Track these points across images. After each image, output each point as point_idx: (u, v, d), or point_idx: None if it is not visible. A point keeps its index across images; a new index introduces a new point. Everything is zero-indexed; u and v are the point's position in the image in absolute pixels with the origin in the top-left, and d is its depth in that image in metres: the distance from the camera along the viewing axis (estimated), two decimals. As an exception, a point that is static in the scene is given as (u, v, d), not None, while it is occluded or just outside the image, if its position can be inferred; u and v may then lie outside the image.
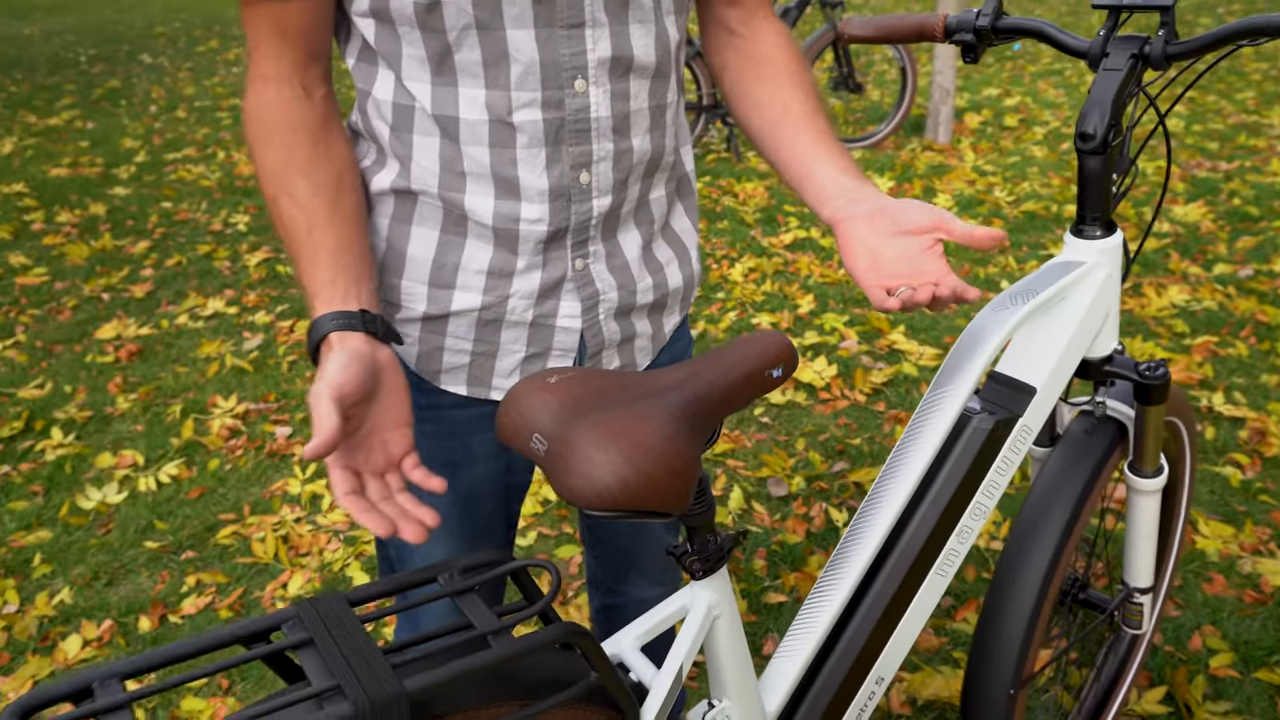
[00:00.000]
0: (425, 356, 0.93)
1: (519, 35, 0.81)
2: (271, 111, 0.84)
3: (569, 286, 0.92)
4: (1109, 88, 0.99)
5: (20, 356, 3.02)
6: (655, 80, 0.89)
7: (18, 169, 5.14)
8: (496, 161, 0.85)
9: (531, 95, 0.83)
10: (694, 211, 1.06)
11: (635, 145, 0.90)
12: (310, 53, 0.85)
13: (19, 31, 10.87)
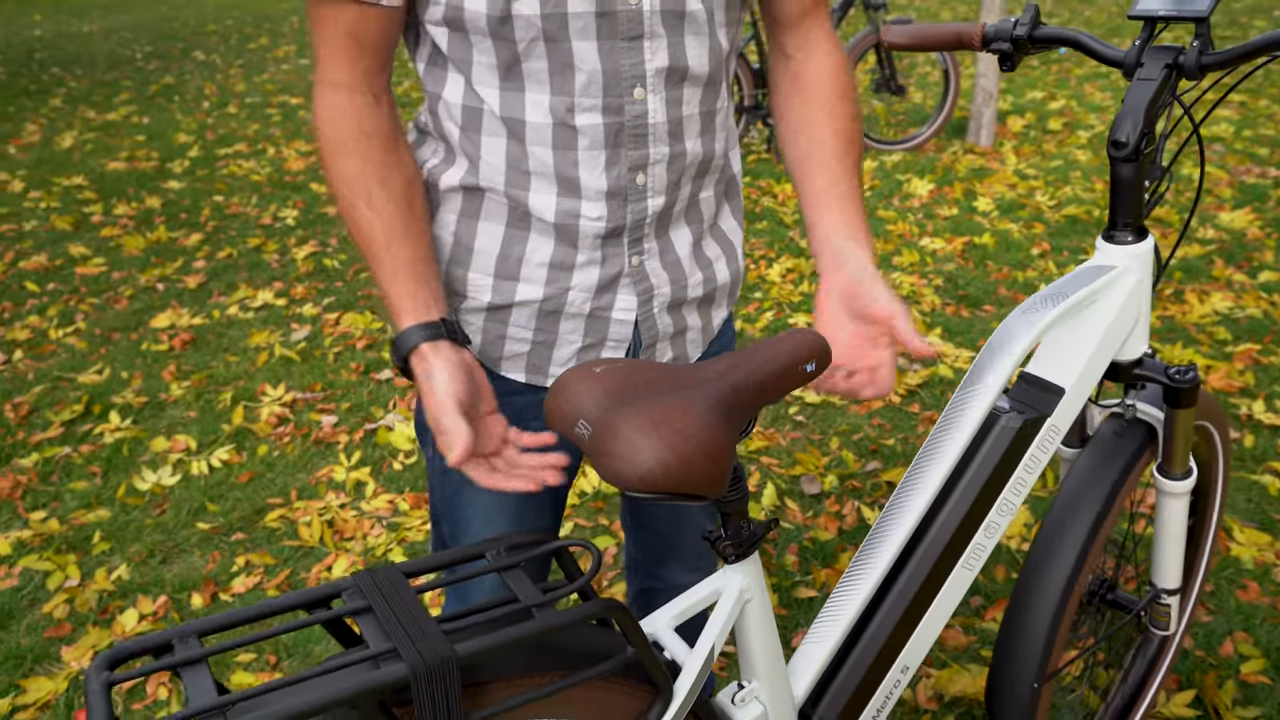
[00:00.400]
0: (489, 344, 0.99)
1: (583, 47, 0.85)
2: (344, 119, 0.88)
3: (625, 281, 0.97)
4: (1143, 97, 1.01)
5: (80, 343, 3.14)
6: (707, 88, 0.94)
7: (78, 162, 5.31)
8: (559, 162, 0.90)
9: (594, 101, 0.87)
10: (740, 212, 1.10)
11: (688, 148, 0.94)
12: (382, 61, 0.90)
13: (79, 29, 11.18)
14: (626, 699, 0.86)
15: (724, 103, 0.99)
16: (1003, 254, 3.53)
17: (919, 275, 3.37)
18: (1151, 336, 2.86)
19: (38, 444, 2.56)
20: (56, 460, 2.49)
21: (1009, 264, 3.44)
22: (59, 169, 5.18)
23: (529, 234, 0.94)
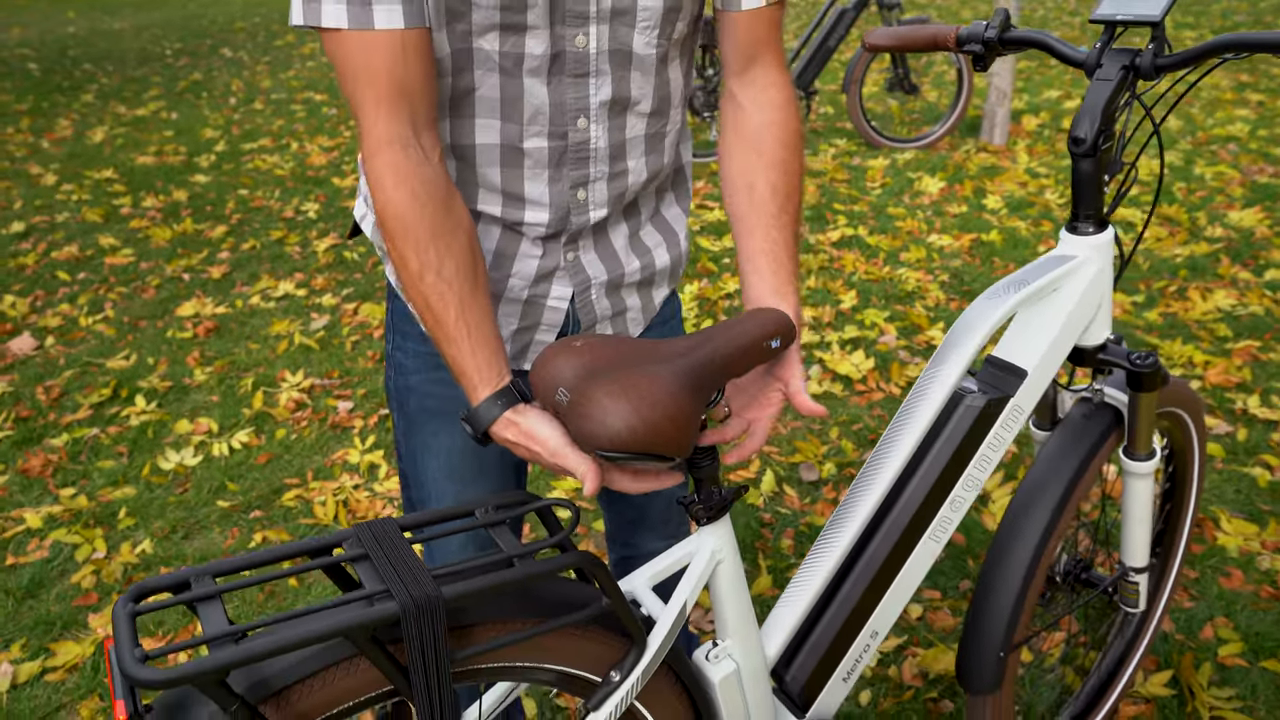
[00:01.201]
0: None
1: (533, 83, 0.93)
2: (409, 188, 0.86)
3: (561, 274, 1.04)
4: (1100, 96, 1.07)
5: (109, 330, 3.25)
6: (653, 116, 1.00)
7: (108, 156, 5.45)
8: (506, 178, 0.98)
9: (539, 129, 0.95)
10: (686, 198, 1.16)
11: (630, 167, 1.01)
12: (428, 107, 0.88)
13: (111, 26, 11.39)
14: (604, 648, 0.93)
15: (674, 125, 1.05)
16: (1009, 251, 3.57)
17: (925, 271, 3.42)
18: (1152, 333, 2.90)
19: (68, 425, 2.67)
20: (85, 440, 2.59)
21: (1015, 260, 3.48)
22: (90, 163, 5.32)
23: (478, 224, 1.01)
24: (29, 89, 7.57)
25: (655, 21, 0.95)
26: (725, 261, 3.61)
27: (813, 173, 4.63)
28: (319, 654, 0.78)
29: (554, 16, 0.90)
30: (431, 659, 0.77)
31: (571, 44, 0.92)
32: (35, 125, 6.30)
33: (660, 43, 0.97)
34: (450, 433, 1.13)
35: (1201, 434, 1.50)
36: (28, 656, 1.85)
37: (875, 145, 4.96)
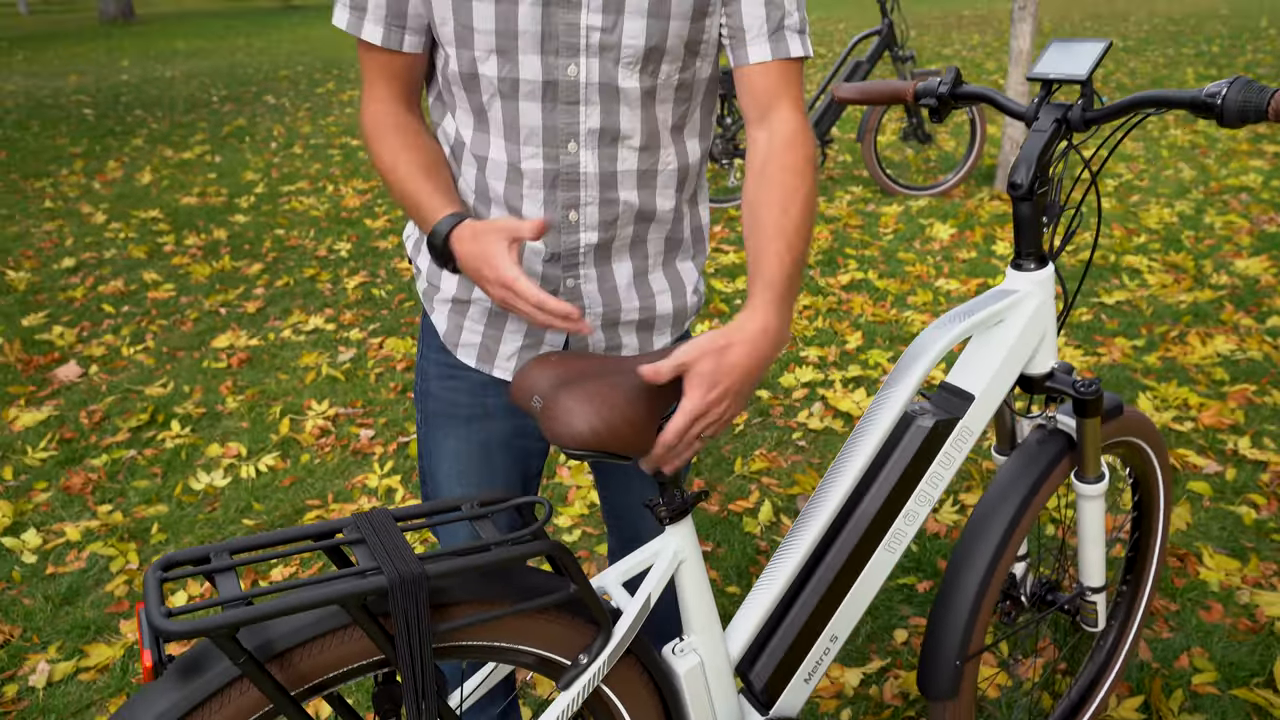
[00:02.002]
0: (451, 331, 1.20)
1: (529, 106, 1.06)
2: (382, 119, 1.13)
3: (560, 298, 1.16)
4: (1036, 145, 1.19)
5: (149, 360, 3.43)
6: (644, 151, 1.12)
7: (154, 197, 5.72)
8: (509, 195, 1.11)
9: (535, 150, 1.08)
10: (702, 257, 1.28)
11: (622, 197, 1.13)
12: (411, 88, 1.14)
13: (162, 74, 11.90)
14: (574, 633, 1.03)
15: (670, 164, 1.15)
16: (1015, 295, 3.65)
17: (931, 314, 3.51)
18: (1149, 375, 2.96)
19: (107, 447, 2.83)
20: (123, 462, 2.75)
21: (1020, 305, 3.56)
22: (137, 203, 5.59)
23: None
24: (83, 133, 7.95)
25: (637, 59, 1.07)
26: (736, 303, 3.73)
27: (826, 218, 4.76)
28: (318, 621, 0.90)
29: (545, 47, 1.04)
30: (415, 629, 0.89)
31: (564, 74, 1.06)
32: (88, 167, 6.62)
33: (644, 80, 1.08)
34: (461, 437, 1.25)
35: (1164, 463, 1.59)
36: (63, 657, 1.98)
37: (890, 192, 5.09)
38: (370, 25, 1.07)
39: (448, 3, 1.03)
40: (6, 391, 3.21)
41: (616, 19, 1.04)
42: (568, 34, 1.04)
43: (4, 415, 3.04)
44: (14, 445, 2.86)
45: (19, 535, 2.39)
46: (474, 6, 1.02)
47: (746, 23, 1.12)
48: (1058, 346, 1.29)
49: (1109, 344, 3.19)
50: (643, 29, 1.05)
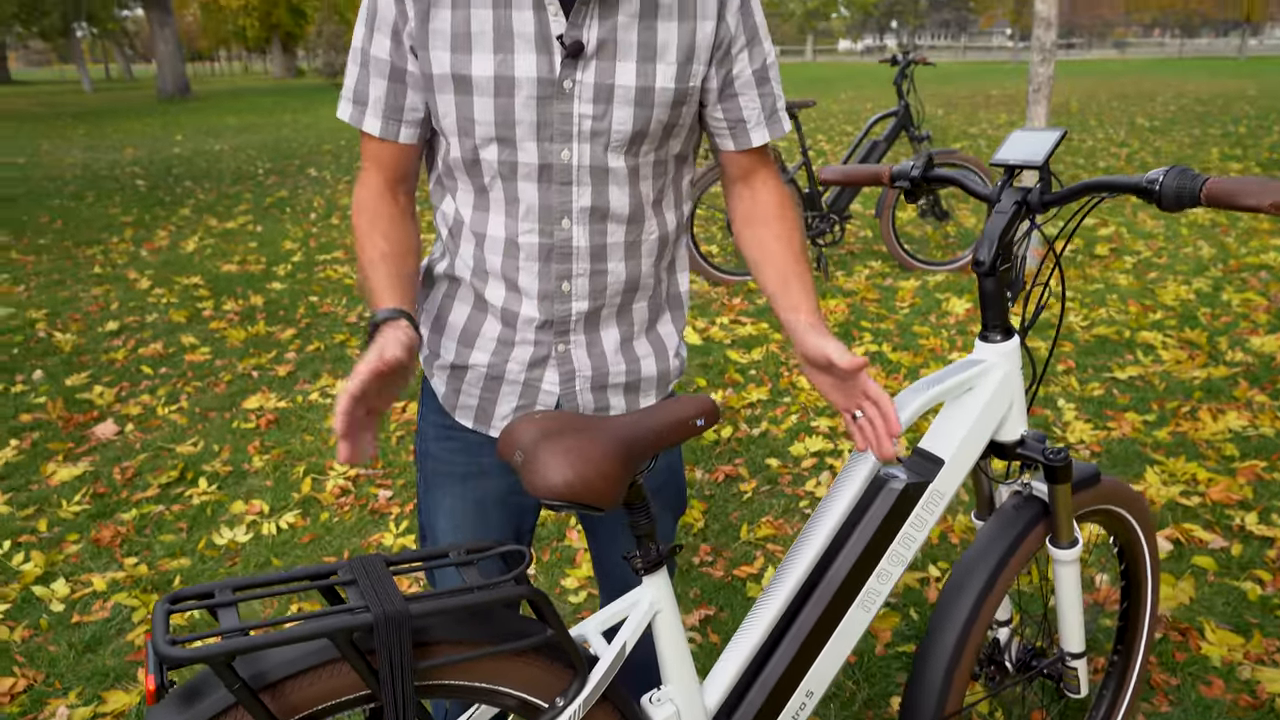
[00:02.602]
0: (449, 395, 1.28)
1: (526, 186, 1.17)
2: (364, 203, 1.23)
3: (552, 362, 1.25)
4: (998, 226, 1.27)
5: (182, 419, 3.57)
6: (630, 224, 1.23)
7: (197, 264, 5.96)
8: (506, 267, 1.21)
9: (531, 226, 1.18)
10: (681, 322, 1.37)
11: (610, 268, 1.23)
12: (401, 176, 1.24)
13: (212, 148, 12.43)
14: (552, 677, 1.09)
15: (656, 234, 1.26)
16: (1026, 369, 3.69)
17: (942, 386, 3.56)
18: (1159, 450, 2.98)
19: (137, 502, 2.94)
20: (151, 516, 2.85)
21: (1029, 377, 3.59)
22: (181, 270, 5.83)
23: (485, 316, 1.24)
24: (135, 203, 8.32)
25: (624, 143, 1.18)
26: (751, 373, 3.81)
27: (844, 292, 4.85)
28: (309, 654, 0.97)
29: (541, 134, 1.15)
30: (398, 664, 0.96)
31: (558, 158, 1.16)
32: (137, 236, 6.92)
33: (630, 160, 1.20)
34: (457, 495, 1.33)
35: (1149, 533, 1.62)
36: (82, 703, 2.05)
37: (908, 267, 5.18)
38: (370, 118, 1.19)
39: (450, 99, 1.14)
40: (47, 447, 3.35)
41: (606, 109, 1.15)
42: (562, 123, 1.15)
43: (43, 470, 3.17)
44: (50, 499, 2.98)
45: (49, 584, 2.49)
46: (475, 101, 1.14)
47: (746, 114, 1.24)
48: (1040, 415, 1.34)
49: (1119, 418, 3.21)
50: (630, 116, 1.16)
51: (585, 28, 1.12)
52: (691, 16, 1.16)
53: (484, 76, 1.12)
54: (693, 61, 1.17)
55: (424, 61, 1.13)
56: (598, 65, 1.13)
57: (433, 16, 1.11)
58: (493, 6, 1.11)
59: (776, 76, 1.24)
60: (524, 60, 1.12)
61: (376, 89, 1.17)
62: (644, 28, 1.14)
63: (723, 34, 1.18)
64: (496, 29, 1.11)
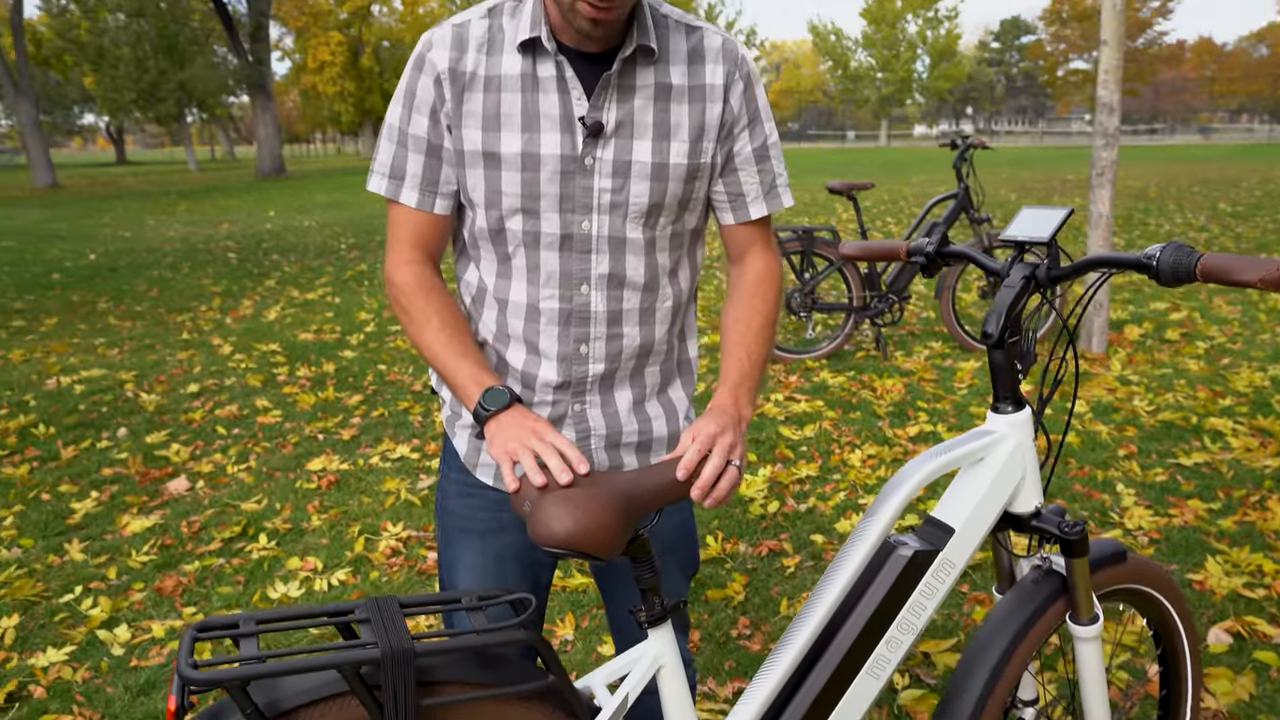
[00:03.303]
0: (471, 452, 1.35)
1: (548, 255, 1.25)
2: (414, 279, 1.28)
3: (569, 420, 1.31)
4: (1006, 299, 1.30)
5: (249, 478, 3.72)
6: (645, 291, 1.30)
7: (277, 332, 6.25)
8: (527, 331, 1.28)
9: (552, 292, 1.26)
10: (690, 386, 1.43)
11: (626, 332, 1.30)
12: (435, 249, 1.32)
13: (301, 224, 13.08)
14: (554, 725, 1.13)
15: (667, 302, 1.33)
16: (1086, 453, 3.61)
17: (997, 467, 3.50)
18: (1223, 539, 2.87)
19: (200, 555, 3.07)
20: (212, 569, 2.97)
21: (1091, 463, 3.52)
22: (261, 337, 6.12)
23: (505, 377, 1.31)
24: (225, 274, 8.79)
25: (641, 214, 1.26)
26: (803, 449, 3.81)
27: (901, 372, 4.83)
28: (321, 686, 1.03)
29: (564, 206, 1.24)
30: (403, 700, 1.01)
31: (579, 228, 1.25)
32: (224, 304, 7.30)
33: (646, 231, 1.27)
34: (476, 549, 1.39)
35: (1185, 617, 1.58)
36: (130, 744, 2.13)
37: (968, 348, 5.13)
38: (408, 191, 1.27)
39: (480, 174, 1.24)
40: (124, 500, 3.53)
41: (624, 183, 1.24)
42: (583, 196, 1.24)
43: (118, 521, 3.34)
44: (121, 548, 3.13)
45: (112, 629, 2.61)
46: (503, 176, 1.23)
47: (746, 188, 1.32)
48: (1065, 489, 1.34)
49: (1182, 505, 3.11)
50: (646, 190, 1.25)
51: (605, 110, 1.21)
52: (701, 99, 1.25)
53: (512, 153, 1.22)
54: (703, 139, 1.25)
55: (457, 139, 1.24)
56: (616, 143, 1.22)
57: (467, 99, 1.22)
58: (521, 90, 1.21)
59: (778, 156, 1.31)
60: (549, 139, 1.22)
61: (414, 164, 1.27)
62: (658, 109, 1.23)
63: (728, 115, 1.26)
64: (525, 111, 1.21)
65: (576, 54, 1.21)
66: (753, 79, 1.29)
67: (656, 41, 1.22)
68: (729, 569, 2.85)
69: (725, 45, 1.27)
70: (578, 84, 1.20)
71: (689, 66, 1.25)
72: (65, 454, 4.02)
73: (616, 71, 1.20)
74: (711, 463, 1.14)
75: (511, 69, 1.21)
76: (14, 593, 2.83)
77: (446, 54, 1.22)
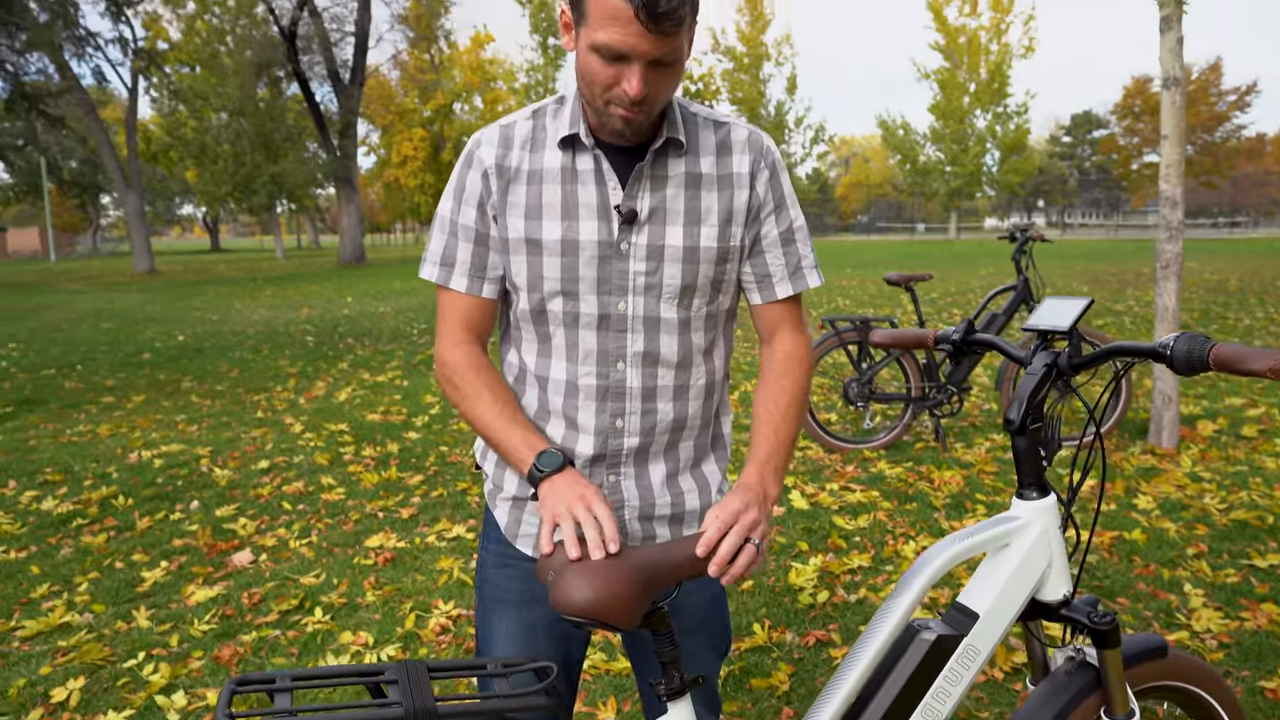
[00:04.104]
0: (511, 524, 1.41)
1: (587, 334, 1.33)
2: (465, 359, 1.37)
3: (603, 492, 1.36)
4: (1028, 387, 1.33)
5: (310, 553, 3.83)
6: (679, 368, 1.36)
7: (346, 413, 6.47)
8: (566, 407, 1.35)
9: (590, 369, 1.33)
10: (724, 462, 1.48)
11: (660, 408, 1.36)
12: (483, 331, 1.41)
13: (376, 309, 13.58)
14: (571, 796, 1.15)
15: (703, 379, 1.39)
16: (1153, 551, 3.49)
17: (1057, 563, 3.40)
18: (1298, 646, 2.73)
19: (258, 626, 3.16)
20: (268, 640, 3.05)
21: (1157, 561, 3.39)
22: (331, 417, 6.33)
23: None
24: (301, 356, 9.15)
25: (675, 295, 1.34)
26: (856, 539, 3.76)
27: (961, 464, 4.75)
28: (347, 743, 1.08)
29: (601, 289, 1.32)
30: (423, 760, 1.05)
31: (615, 308, 1.32)
32: (299, 385, 7.59)
33: (680, 311, 1.35)
34: (511, 619, 1.44)
35: (1232, 712, 1.53)
36: (177, 809, 2.18)
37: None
38: (458, 277, 1.38)
39: (523, 259, 1.34)
40: (190, 570, 3.66)
41: (658, 265, 1.32)
42: (619, 279, 1.32)
43: (184, 590, 3.46)
44: (185, 616, 3.24)
45: (170, 695, 2.69)
46: (544, 261, 1.33)
47: (772, 270, 1.39)
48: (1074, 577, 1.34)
49: (1255, 609, 2.98)
50: (679, 272, 1.32)
51: (639, 198, 1.30)
52: (729, 187, 1.33)
53: (553, 239, 1.32)
54: (731, 224, 1.33)
55: (503, 227, 1.34)
56: (650, 229, 1.31)
57: (511, 191, 1.33)
58: (562, 182, 1.31)
59: (804, 239, 1.38)
60: (587, 226, 1.31)
61: (463, 252, 1.37)
62: (689, 197, 1.32)
63: (754, 201, 1.34)
64: (564, 201, 1.31)
65: (612, 148, 1.31)
66: (778, 167, 1.37)
67: (686, 135, 1.32)
68: (775, 658, 2.81)
69: (751, 137, 1.36)
70: (613, 175, 1.30)
71: (717, 157, 1.34)
72: (140, 524, 4.20)
73: (649, 163, 1.30)
74: (729, 540, 1.18)
75: (553, 163, 1.32)
76: (82, 656, 2.94)
77: (493, 151, 1.33)
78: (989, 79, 41.86)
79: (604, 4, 1.14)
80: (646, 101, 1.21)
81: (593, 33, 1.17)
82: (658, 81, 1.20)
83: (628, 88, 1.18)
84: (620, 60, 1.17)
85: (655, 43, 1.15)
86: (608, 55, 1.17)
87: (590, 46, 1.18)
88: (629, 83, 1.18)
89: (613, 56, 1.17)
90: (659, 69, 1.19)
